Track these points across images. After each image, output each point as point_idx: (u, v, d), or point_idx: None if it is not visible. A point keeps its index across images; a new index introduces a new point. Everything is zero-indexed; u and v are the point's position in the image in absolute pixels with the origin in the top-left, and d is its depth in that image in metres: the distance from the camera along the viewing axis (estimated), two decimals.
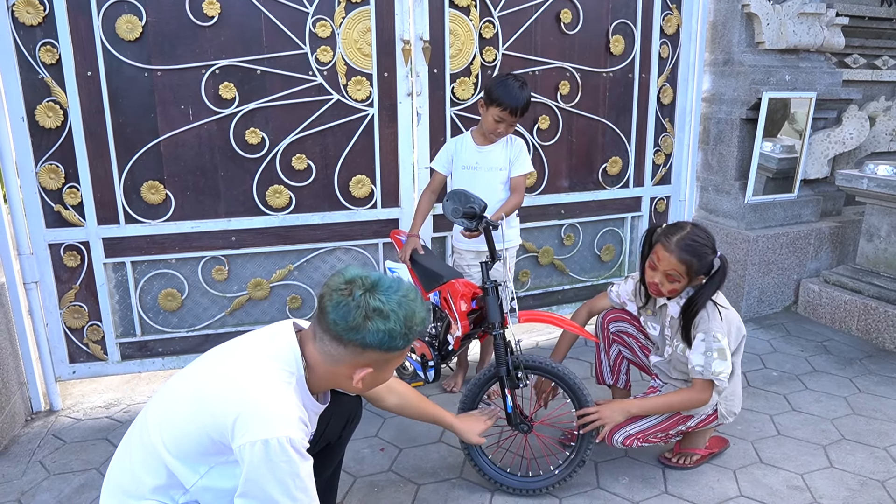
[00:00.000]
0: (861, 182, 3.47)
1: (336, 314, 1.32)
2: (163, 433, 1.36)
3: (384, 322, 1.32)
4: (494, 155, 2.68)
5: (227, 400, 1.31)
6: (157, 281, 2.88)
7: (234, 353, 1.44)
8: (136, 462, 1.38)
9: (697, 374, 2.09)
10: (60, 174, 2.64)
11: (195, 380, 1.41)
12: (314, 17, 2.80)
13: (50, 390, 2.80)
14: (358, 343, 1.33)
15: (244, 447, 1.27)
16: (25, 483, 2.28)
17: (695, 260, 2.04)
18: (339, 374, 1.40)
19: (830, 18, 3.73)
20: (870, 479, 2.27)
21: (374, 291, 1.34)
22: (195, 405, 1.35)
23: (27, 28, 2.49)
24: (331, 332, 1.35)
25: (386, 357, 1.39)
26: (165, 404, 1.41)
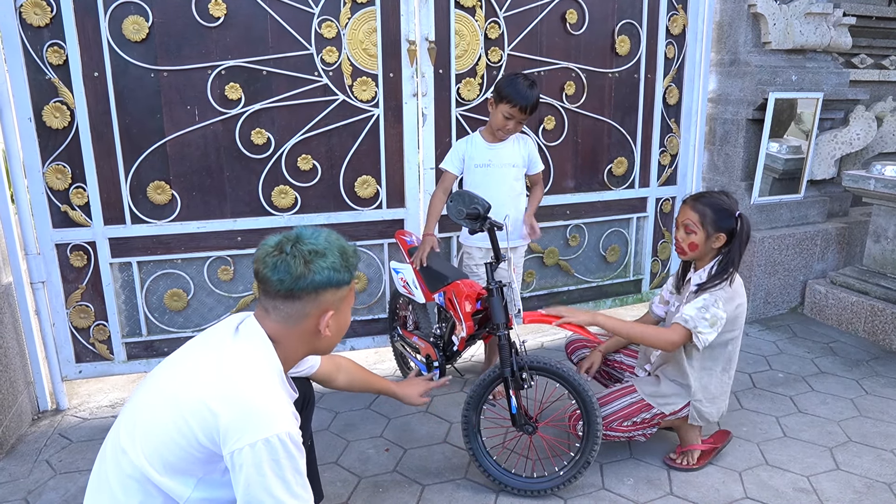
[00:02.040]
0: (868, 183, 3.46)
1: (279, 274, 1.34)
2: (145, 451, 1.27)
3: (323, 259, 1.36)
4: (506, 152, 2.72)
5: (215, 402, 1.25)
6: (162, 281, 2.89)
7: (203, 353, 1.38)
8: (119, 492, 1.28)
9: (681, 321, 2.11)
10: (67, 174, 2.65)
11: (168, 388, 1.32)
12: (320, 17, 2.81)
13: (56, 389, 2.81)
14: (310, 289, 1.35)
15: (243, 450, 1.21)
16: (32, 482, 2.29)
17: (708, 210, 2.15)
18: (306, 331, 1.41)
19: (837, 18, 3.71)
20: (876, 481, 2.26)
21: (300, 241, 1.37)
22: (176, 414, 1.26)
23: (34, 29, 2.50)
24: (281, 294, 1.36)
25: (338, 294, 1.41)
26: (139, 421, 1.31)
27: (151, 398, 1.33)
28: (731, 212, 2.16)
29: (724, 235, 2.16)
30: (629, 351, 2.55)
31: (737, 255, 2.17)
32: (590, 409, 2.12)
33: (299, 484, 1.28)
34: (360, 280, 3.14)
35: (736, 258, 2.17)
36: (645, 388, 2.27)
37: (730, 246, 2.17)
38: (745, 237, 2.16)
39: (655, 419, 2.26)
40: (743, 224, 2.16)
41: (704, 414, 2.25)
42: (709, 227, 2.16)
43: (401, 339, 2.91)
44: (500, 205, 2.65)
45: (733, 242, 2.16)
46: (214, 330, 1.45)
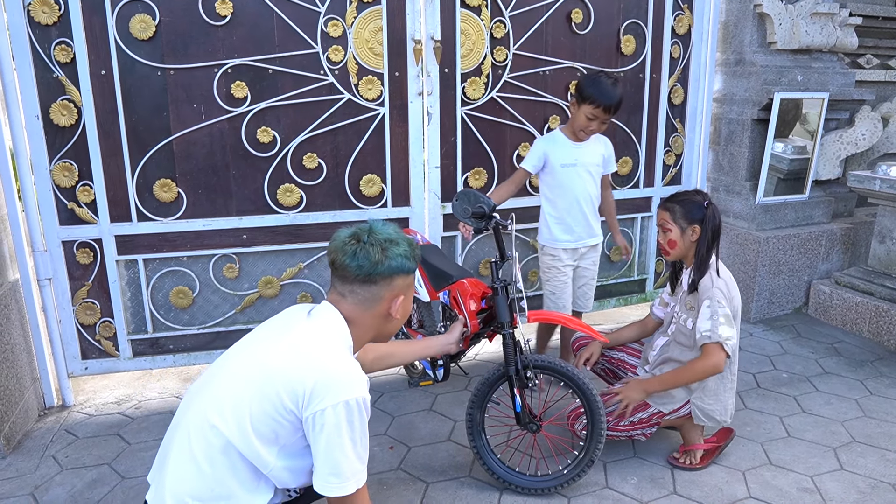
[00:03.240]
0: (873, 183, 3.45)
1: (357, 261, 1.47)
2: (239, 423, 1.36)
3: (397, 247, 1.51)
4: (590, 151, 2.73)
5: (300, 370, 1.37)
6: (168, 278, 2.90)
7: (280, 333, 1.49)
8: (206, 465, 1.37)
9: (706, 338, 2.12)
10: (74, 172, 2.67)
11: (252, 365, 1.43)
12: (326, 16, 2.81)
13: (62, 386, 2.83)
14: (386, 274, 1.49)
15: (325, 411, 1.34)
16: (38, 477, 2.31)
17: (676, 206, 2.23)
18: (379, 314, 1.54)
19: (843, 18, 3.70)
20: (880, 481, 2.26)
21: (374, 232, 1.51)
22: (265, 384, 1.37)
23: (42, 27, 2.52)
24: (359, 279, 1.49)
25: (407, 281, 1.56)
26: (227, 397, 1.40)
27: (235, 375, 1.44)
28: (700, 203, 2.21)
29: (699, 227, 2.21)
30: (631, 350, 2.55)
31: (705, 242, 2.19)
32: (594, 407, 2.13)
33: (364, 445, 1.43)
34: None
35: (704, 246, 2.19)
36: None
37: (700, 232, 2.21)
38: (713, 223, 2.19)
39: (654, 418, 2.26)
40: (709, 211, 2.19)
41: (709, 412, 2.26)
42: (681, 221, 2.22)
43: (405, 337, 2.91)
44: (583, 206, 2.75)
45: (703, 230, 2.20)
46: (284, 315, 1.58)
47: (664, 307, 2.49)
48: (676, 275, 2.41)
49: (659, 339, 2.41)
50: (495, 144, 3.24)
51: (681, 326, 2.28)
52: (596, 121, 2.57)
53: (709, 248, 2.19)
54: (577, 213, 2.74)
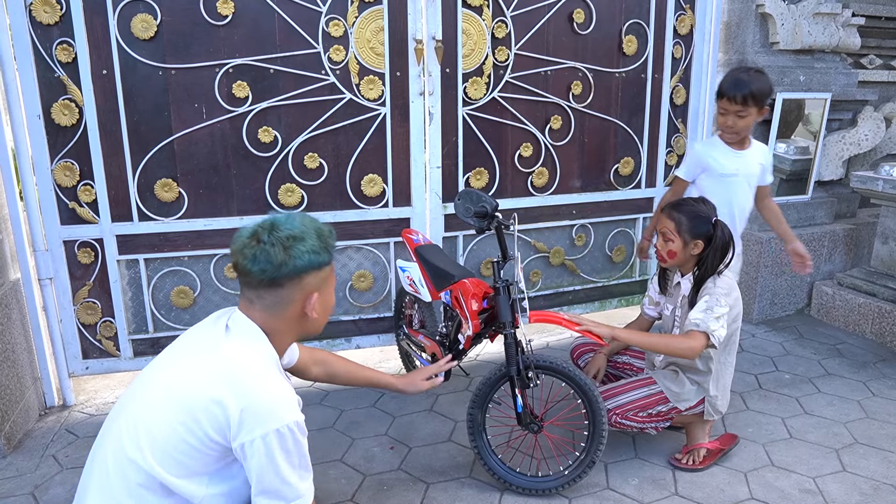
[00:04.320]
0: (876, 184, 3.44)
1: (259, 264, 1.34)
2: (155, 457, 1.26)
3: (302, 243, 1.36)
4: (751, 161, 2.57)
5: (223, 399, 1.26)
6: (169, 278, 2.90)
7: (200, 353, 1.37)
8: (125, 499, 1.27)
9: (693, 325, 2.10)
10: (75, 172, 2.67)
11: (170, 390, 1.31)
12: (327, 16, 2.81)
13: (63, 386, 2.83)
14: (293, 274, 1.36)
15: (254, 442, 1.25)
16: (39, 477, 2.30)
17: (683, 217, 2.18)
18: (293, 316, 1.42)
19: (846, 18, 3.69)
20: (883, 483, 2.25)
21: (276, 229, 1.36)
22: (184, 415, 1.27)
23: (44, 27, 2.52)
24: (264, 283, 1.36)
25: (320, 276, 1.42)
26: (143, 427, 1.28)
27: (152, 402, 1.31)
28: (707, 218, 2.16)
29: (702, 242, 2.17)
30: (635, 352, 2.55)
31: (711, 262, 2.16)
32: (595, 408, 2.12)
33: (304, 466, 1.34)
34: (365, 278, 3.15)
35: (710, 265, 2.16)
36: (664, 381, 2.27)
37: (706, 252, 2.18)
38: (721, 244, 2.15)
39: (670, 413, 2.26)
40: (718, 230, 2.15)
41: (718, 407, 2.28)
42: (685, 234, 2.17)
43: (406, 337, 2.91)
44: (737, 221, 2.58)
45: (709, 249, 2.16)
46: (201, 329, 1.44)
47: (655, 306, 2.48)
48: (666, 275, 2.41)
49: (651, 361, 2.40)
50: (497, 144, 3.23)
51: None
52: (728, 115, 2.41)
53: (715, 266, 2.17)
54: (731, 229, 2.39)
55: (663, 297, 2.43)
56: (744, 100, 2.34)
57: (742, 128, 2.42)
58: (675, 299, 2.33)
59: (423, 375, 2.06)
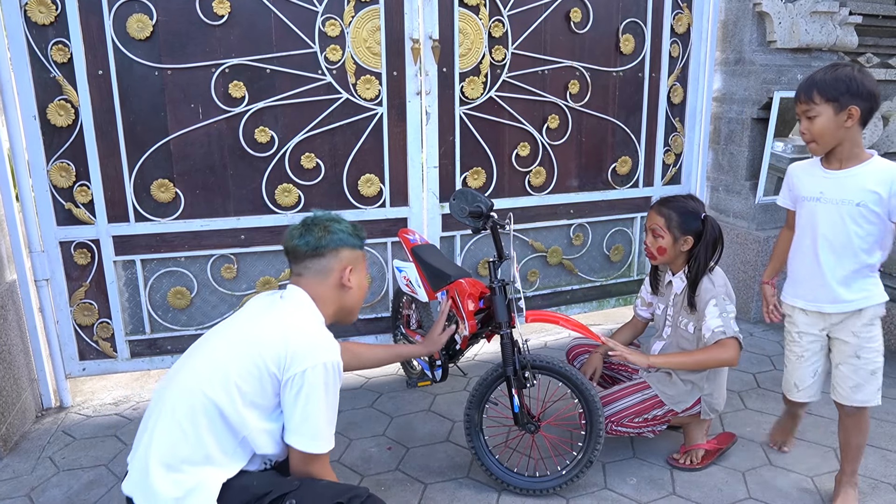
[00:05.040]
0: None
1: (304, 240, 1.65)
2: (225, 386, 1.47)
3: (338, 224, 1.69)
4: (850, 184, 1.89)
5: (281, 337, 1.51)
6: (166, 279, 2.90)
7: (259, 314, 1.62)
8: (188, 427, 1.46)
9: (720, 334, 2.10)
10: (71, 172, 2.66)
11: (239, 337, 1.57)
12: (324, 16, 2.81)
13: (60, 387, 2.82)
14: (331, 246, 1.66)
15: (305, 372, 1.47)
16: (35, 479, 2.30)
17: (672, 213, 2.17)
18: (334, 285, 1.68)
19: (843, 17, 3.69)
20: (881, 482, 2.25)
21: (318, 218, 1.70)
22: (252, 350, 1.50)
23: (39, 27, 2.51)
24: (308, 255, 1.65)
25: (356, 255, 1.71)
26: (215, 364, 1.51)
27: (217, 349, 1.56)
28: (697, 214, 2.17)
29: (692, 238, 2.18)
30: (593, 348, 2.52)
31: (703, 257, 2.16)
32: (592, 408, 2.12)
33: (335, 411, 1.56)
34: None
35: (702, 261, 2.16)
36: (658, 385, 2.26)
37: (696, 249, 2.18)
38: (712, 239, 2.16)
39: (667, 416, 2.26)
40: (707, 226, 2.16)
41: (714, 405, 2.27)
42: (675, 230, 2.18)
43: (404, 337, 2.91)
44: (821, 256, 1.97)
45: (699, 245, 2.17)
46: (258, 301, 1.70)
47: (647, 307, 2.48)
48: (657, 274, 2.41)
49: (656, 343, 2.39)
50: (494, 144, 3.23)
51: (680, 331, 2.27)
52: (802, 120, 1.91)
53: (706, 261, 2.17)
54: (810, 265, 2.00)
55: (655, 298, 2.43)
56: (807, 95, 1.84)
57: (816, 133, 1.86)
58: (667, 298, 2.33)
59: (437, 331, 2.26)
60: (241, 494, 1.49)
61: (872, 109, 1.82)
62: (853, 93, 1.80)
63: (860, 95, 1.80)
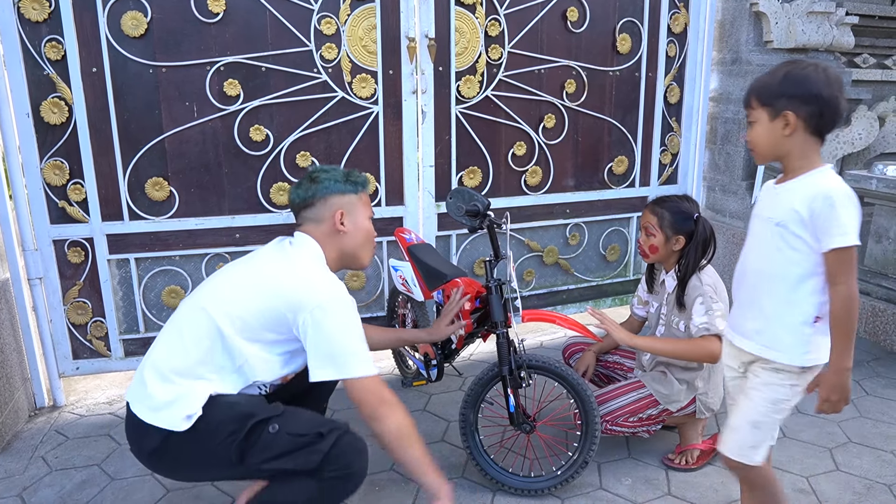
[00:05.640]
0: (870, 183, 3.44)
1: (296, 193, 1.82)
2: (230, 314, 1.64)
3: (325, 174, 1.81)
4: (781, 197, 1.58)
5: (294, 281, 1.67)
6: (160, 278, 2.88)
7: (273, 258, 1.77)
8: (190, 344, 1.63)
9: (704, 330, 2.10)
10: (65, 170, 2.65)
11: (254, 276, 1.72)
12: (319, 14, 2.79)
13: (53, 386, 2.80)
14: (318, 195, 1.79)
15: (320, 307, 1.61)
16: (27, 478, 2.28)
17: (665, 212, 2.19)
18: (329, 230, 1.80)
19: (840, 17, 3.69)
20: (876, 482, 2.25)
21: (313, 169, 1.84)
22: (263, 288, 1.67)
23: (32, 24, 2.49)
24: (302, 206, 1.81)
25: (345, 199, 1.81)
26: (225, 293, 1.70)
27: (236, 280, 1.73)
28: (689, 214, 2.18)
29: (684, 238, 2.18)
30: (625, 352, 2.54)
31: (692, 257, 2.16)
32: (588, 408, 2.11)
33: (360, 335, 1.69)
34: (358, 277, 3.13)
35: (692, 260, 2.16)
36: (652, 384, 2.26)
37: (688, 248, 2.18)
38: (702, 240, 2.16)
39: (661, 416, 2.26)
40: (699, 226, 2.16)
41: (709, 404, 2.27)
42: (667, 229, 2.19)
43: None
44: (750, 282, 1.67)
45: (690, 245, 2.17)
46: (270, 248, 1.83)
47: (644, 306, 2.49)
48: (653, 273, 2.41)
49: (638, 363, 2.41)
50: (490, 143, 3.22)
51: (673, 330, 2.27)
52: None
53: (696, 261, 2.17)
54: (735, 287, 1.75)
55: (651, 296, 2.43)
56: (746, 99, 1.62)
57: (752, 141, 1.60)
58: (661, 297, 2.33)
59: (446, 322, 2.28)
60: (226, 410, 1.63)
61: (823, 114, 1.49)
62: (790, 95, 1.50)
63: (800, 98, 1.49)
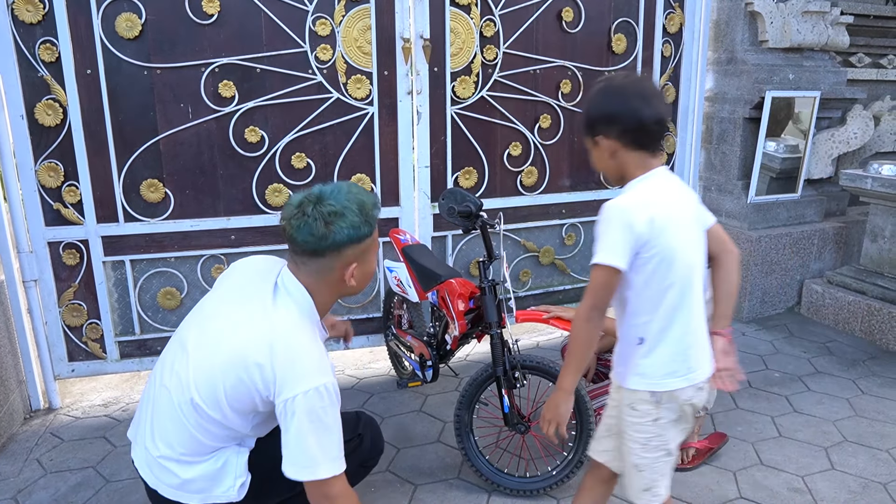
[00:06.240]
0: (865, 182, 3.44)
1: (302, 235, 1.45)
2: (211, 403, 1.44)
3: (343, 220, 1.45)
4: None
5: (270, 357, 1.40)
6: (156, 279, 2.88)
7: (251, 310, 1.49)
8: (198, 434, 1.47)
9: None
10: (60, 172, 2.64)
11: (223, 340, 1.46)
12: (314, 15, 2.79)
13: (49, 388, 2.80)
14: (332, 247, 1.47)
15: (297, 398, 1.38)
16: (22, 481, 2.28)
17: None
18: (334, 282, 1.53)
19: (835, 17, 3.70)
20: (872, 481, 2.25)
21: (322, 202, 1.46)
22: (236, 365, 1.42)
23: (27, 26, 2.49)
24: (307, 252, 1.48)
25: (360, 248, 1.51)
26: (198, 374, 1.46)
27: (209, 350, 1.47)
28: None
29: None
30: None
31: None
32: (582, 408, 2.11)
33: (337, 431, 1.45)
34: None
35: None
36: None
37: None
38: None
39: None
40: None
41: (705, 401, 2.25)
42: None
43: (395, 338, 2.90)
44: None
45: None
46: (254, 280, 1.56)
47: None
48: None
49: None
50: (485, 144, 3.22)
51: None
52: None
53: None
54: None
55: None
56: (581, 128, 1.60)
57: (595, 167, 1.58)
58: None
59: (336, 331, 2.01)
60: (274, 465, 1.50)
61: (629, 130, 1.42)
62: (595, 121, 1.47)
63: (603, 121, 1.45)
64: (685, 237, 1.47)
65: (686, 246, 1.47)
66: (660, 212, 1.41)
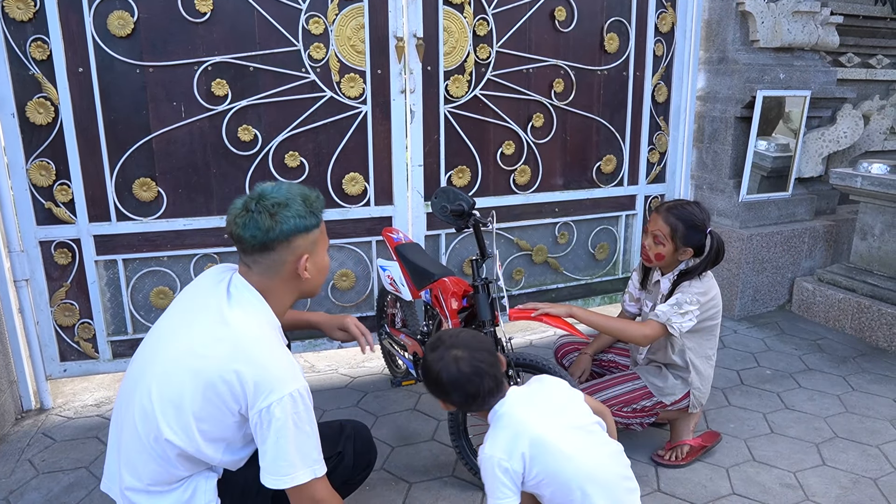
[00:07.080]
0: (855, 180, 3.47)
1: (249, 231, 1.44)
2: (181, 433, 1.40)
3: (287, 209, 1.45)
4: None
5: (236, 368, 1.37)
6: (148, 278, 2.87)
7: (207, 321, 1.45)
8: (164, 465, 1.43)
9: (654, 316, 2.13)
10: (51, 171, 2.63)
11: (184, 360, 1.41)
12: (307, 13, 2.79)
13: (41, 388, 2.78)
14: (281, 238, 1.46)
15: (272, 406, 1.36)
16: (14, 482, 2.27)
17: (679, 224, 2.13)
18: (288, 277, 1.51)
19: (825, 17, 3.72)
20: (862, 476, 2.27)
21: (264, 198, 1.46)
22: (201, 384, 1.38)
23: (17, 24, 2.47)
24: (257, 248, 1.46)
25: (309, 238, 1.51)
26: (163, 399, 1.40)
27: (171, 372, 1.41)
28: (703, 228, 2.15)
29: (692, 250, 2.17)
30: (620, 350, 2.55)
31: (699, 270, 2.17)
32: None
33: (313, 434, 1.44)
34: (347, 277, 3.13)
35: (695, 273, 2.17)
36: (647, 376, 2.28)
37: (696, 261, 2.18)
38: (715, 255, 2.15)
39: (655, 408, 2.27)
40: (713, 242, 2.15)
41: (700, 398, 2.29)
42: (678, 241, 2.16)
43: (388, 336, 2.90)
44: None
45: (701, 260, 2.16)
46: (204, 291, 1.52)
47: (635, 303, 2.50)
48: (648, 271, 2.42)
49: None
50: (479, 142, 3.22)
51: None
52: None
53: (700, 272, 2.17)
54: None
55: (643, 293, 2.44)
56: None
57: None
58: (654, 297, 2.34)
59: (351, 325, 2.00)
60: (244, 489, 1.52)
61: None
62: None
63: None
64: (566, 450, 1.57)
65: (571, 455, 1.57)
66: (530, 441, 1.56)
